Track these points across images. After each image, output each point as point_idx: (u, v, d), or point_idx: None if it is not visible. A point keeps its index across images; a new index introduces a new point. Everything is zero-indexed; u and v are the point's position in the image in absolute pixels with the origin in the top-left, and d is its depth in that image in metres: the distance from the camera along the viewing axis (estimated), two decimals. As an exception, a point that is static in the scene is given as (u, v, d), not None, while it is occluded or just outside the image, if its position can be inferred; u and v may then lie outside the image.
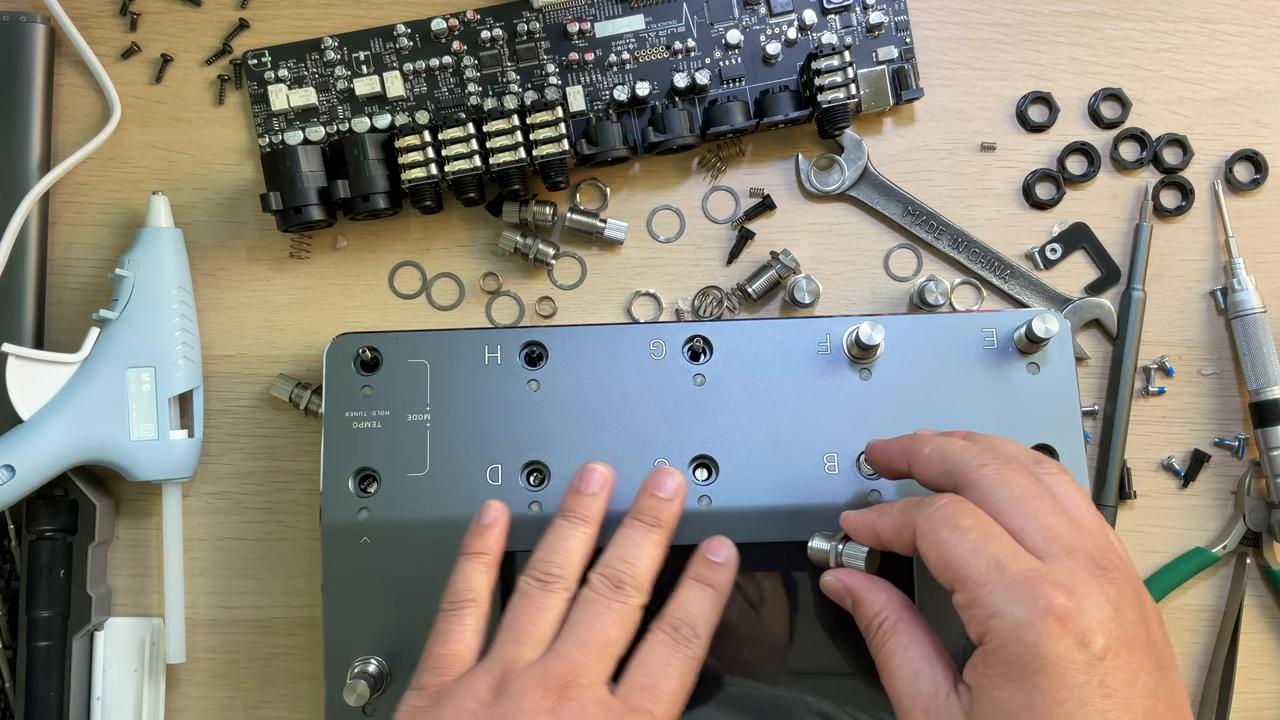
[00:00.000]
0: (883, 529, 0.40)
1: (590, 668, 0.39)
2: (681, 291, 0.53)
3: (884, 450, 0.43)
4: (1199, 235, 0.54)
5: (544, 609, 0.41)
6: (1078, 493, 0.38)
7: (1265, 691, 0.52)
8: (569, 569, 0.42)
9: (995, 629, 0.34)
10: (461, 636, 0.41)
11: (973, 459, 0.38)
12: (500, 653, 0.40)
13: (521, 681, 0.38)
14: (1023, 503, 0.37)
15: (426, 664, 0.40)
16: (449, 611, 0.42)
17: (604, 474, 0.44)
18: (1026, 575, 0.34)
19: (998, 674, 0.34)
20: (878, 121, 0.54)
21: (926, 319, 0.49)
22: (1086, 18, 0.55)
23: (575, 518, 0.43)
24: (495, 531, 0.44)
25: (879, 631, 0.39)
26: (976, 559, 0.35)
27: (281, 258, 0.53)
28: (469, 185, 0.51)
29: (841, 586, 0.41)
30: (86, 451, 0.48)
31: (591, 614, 0.40)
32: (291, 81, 0.53)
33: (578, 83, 0.53)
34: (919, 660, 0.37)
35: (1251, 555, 0.52)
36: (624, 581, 0.41)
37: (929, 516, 0.37)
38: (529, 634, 0.40)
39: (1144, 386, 0.53)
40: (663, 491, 0.43)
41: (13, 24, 0.51)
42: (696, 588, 0.42)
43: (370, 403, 0.47)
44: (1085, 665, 0.33)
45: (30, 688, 0.48)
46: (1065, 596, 0.34)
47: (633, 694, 0.39)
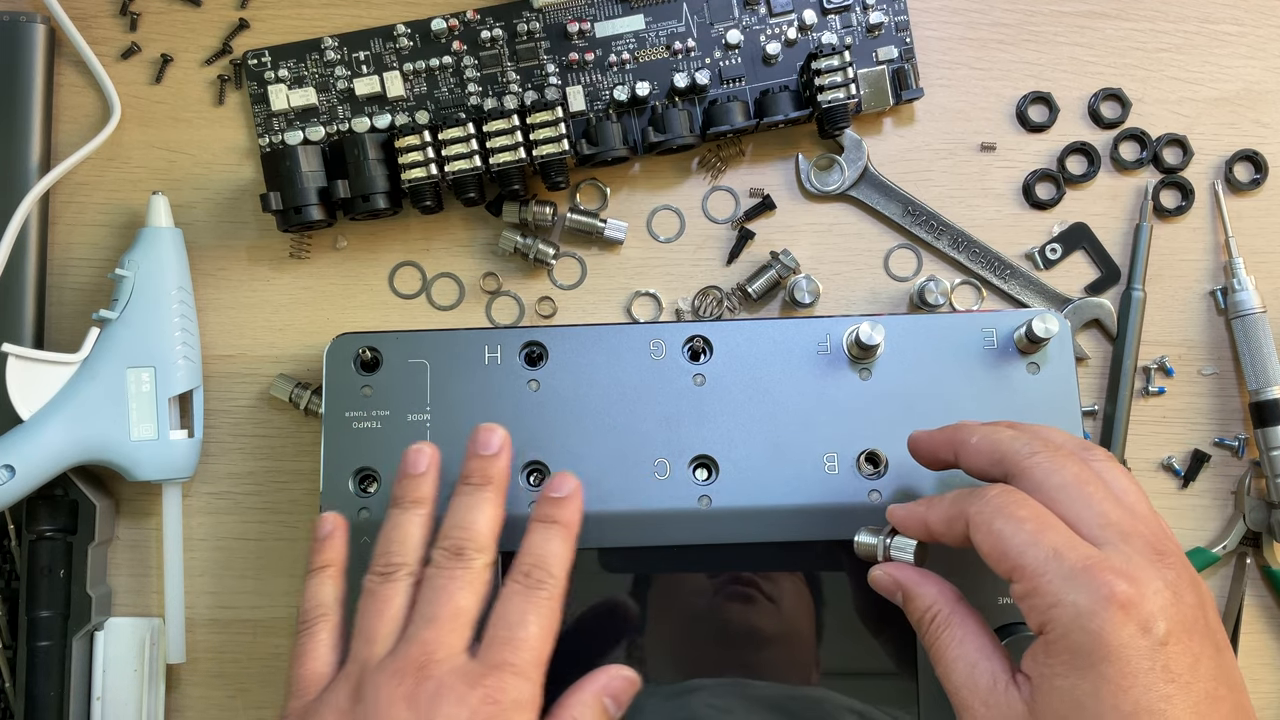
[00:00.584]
0: (933, 521, 0.39)
1: (443, 641, 0.38)
2: (681, 291, 0.53)
3: (928, 441, 0.42)
4: (1199, 235, 0.54)
5: (389, 601, 0.40)
6: (1128, 479, 0.38)
7: (1265, 691, 0.52)
8: (408, 553, 0.41)
9: (1057, 618, 0.34)
10: (316, 653, 0.41)
11: (1023, 447, 0.38)
12: (355, 656, 0.40)
13: (376, 678, 0.38)
14: (1076, 490, 0.36)
15: (289, 689, 0.40)
16: (302, 632, 0.41)
17: (429, 454, 0.44)
18: (1086, 563, 0.34)
19: (1061, 663, 0.34)
20: (878, 121, 0.54)
21: (926, 319, 0.49)
22: (1086, 18, 0.55)
23: (406, 502, 0.43)
24: (334, 542, 0.44)
25: (932, 625, 0.39)
26: (1034, 549, 0.35)
27: (281, 258, 0.53)
28: (469, 185, 0.51)
29: (891, 581, 0.41)
30: (86, 451, 0.48)
31: (436, 589, 0.40)
32: (291, 81, 0.53)
33: (578, 83, 0.53)
34: (975, 652, 0.37)
35: (1251, 555, 0.52)
36: (464, 547, 0.41)
37: (982, 508, 0.37)
38: (378, 630, 0.40)
39: (1144, 386, 0.53)
40: (486, 449, 0.43)
41: (13, 24, 0.51)
42: (543, 528, 0.42)
43: (370, 403, 0.47)
44: (1149, 651, 0.33)
45: (30, 688, 0.48)
46: (1126, 583, 0.34)
47: (491, 651, 0.39)
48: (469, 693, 0.37)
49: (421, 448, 0.44)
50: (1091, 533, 0.36)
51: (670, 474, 0.47)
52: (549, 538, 0.42)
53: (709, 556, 0.46)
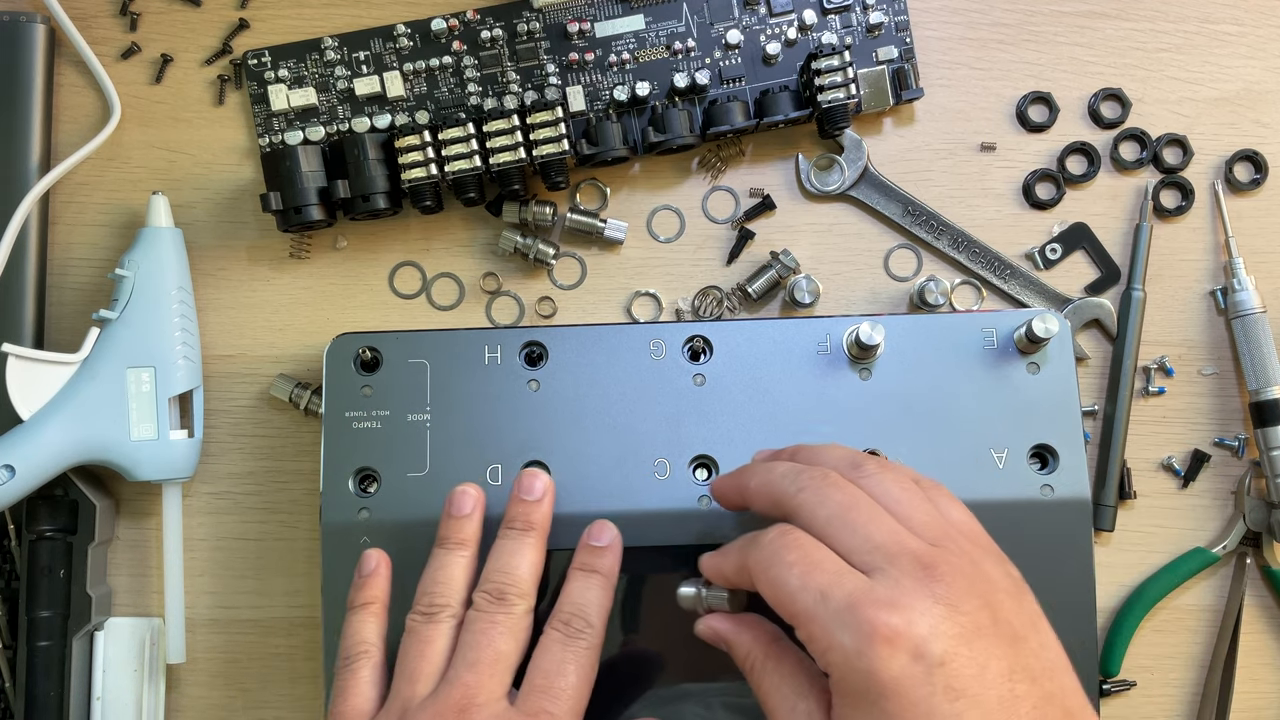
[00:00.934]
0: (727, 571, 0.39)
1: (484, 685, 0.39)
2: (681, 291, 0.53)
3: (720, 488, 0.42)
4: (1199, 235, 0.54)
5: (431, 642, 0.41)
6: (900, 487, 0.38)
7: (1265, 691, 0.52)
8: (451, 595, 0.42)
9: (833, 661, 0.34)
10: (358, 689, 0.41)
11: (789, 485, 0.38)
12: (397, 695, 0.40)
13: (418, 717, 0.38)
14: (842, 517, 0.36)
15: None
16: (343, 669, 0.42)
17: (474, 496, 0.44)
18: (849, 600, 0.34)
19: (848, 704, 0.34)
20: (878, 121, 0.54)
21: (926, 319, 0.49)
22: (1086, 18, 0.55)
23: (450, 543, 0.43)
24: (378, 580, 0.44)
25: (751, 672, 0.38)
26: (804, 593, 0.35)
27: (281, 258, 0.53)
28: (469, 185, 0.51)
29: (712, 633, 0.40)
30: (86, 451, 0.48)
31: (478, 633, 0.40)
32: (291, 81, 0.53)
33: (578, 83, 0.53)
34: (792, 695, 0.37)
35: (1251, 555, 0.52)
36: (506, 593, 0.41)
37: (759, 556, 0.37)
38: (421, 670, 0.40)
39: (1144, 386, 0.53)
40: (530, 495, 0.44)
41: (13, 24, 0.51)
42: (583, 577, 0.42)
43: (370, 403, 0.47)
44: (925, 677, 0.33)
45: (30, 688, 0.48)
46: (889, 613, 0.33)
47: (530, 699, 0.39)
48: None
49: (467, 490, 0.44)
50: (861, 560, 0.35)
51: (670, 474, 0.47)
52: (589, 587, 0.42)
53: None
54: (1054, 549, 0.45)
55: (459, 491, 0.44)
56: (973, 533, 0.38)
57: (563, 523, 0.45)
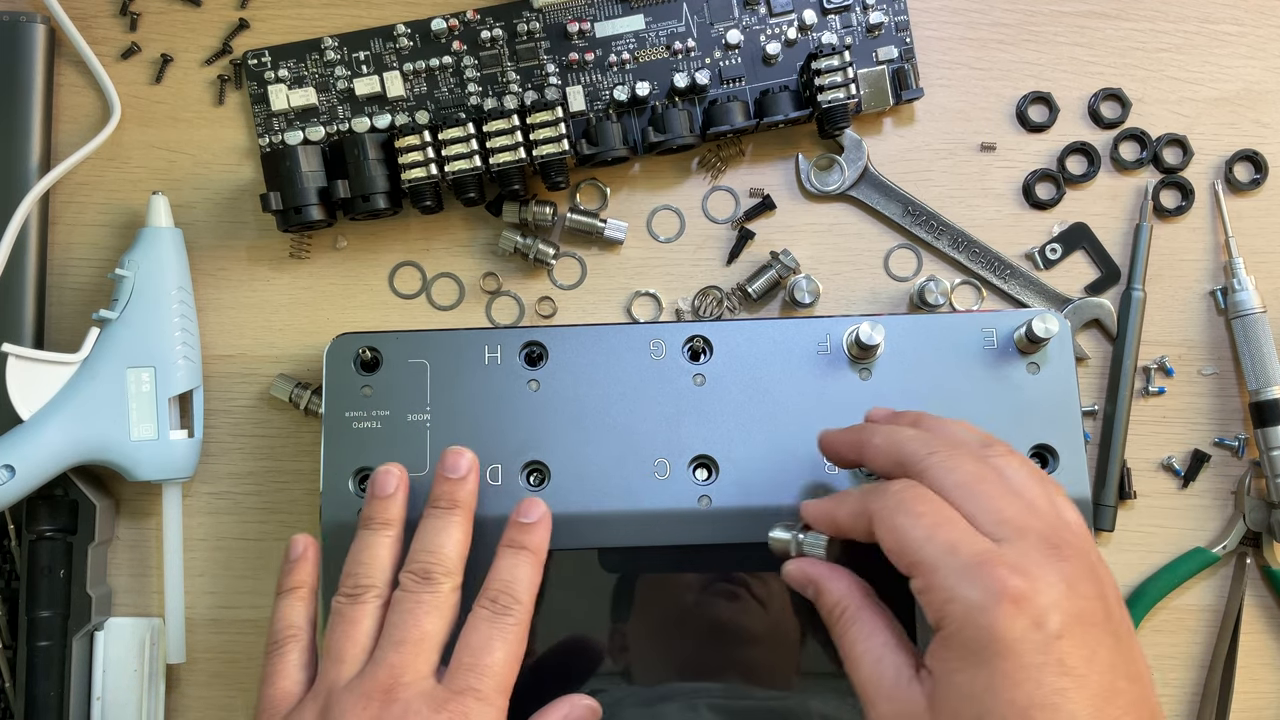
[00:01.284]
0: (841, 517, 0.39)
1: (410, 665, 0.39)
2: (681, 291, 0.53)
3: (833, 442, 0.43)
4: (1199, 235, 0.54)
5: (357, 623, 0.41)
6: (1028, 473, 0.38)
7: (1265, 691, 0.52)
8: (376, 576, 0.42)
9: (951, 613, 0.34)
10: (286, 672, 0.41)
11: (920, 447, 0.38)
12: (324, 677, 0.40)
13: (344, 699, 0.39)
14: (972, 487, 0.37)
15: (259, 708, 0.41)
16: (271, 653, 0.42)
17: (398, 476, 0.44)
18: (980, 558, 0.34)
19: (956, 657, 0.34)
20: (878, 121, 0.54)
21: (926, 319, 0.49)
22: (1086, 18, 0.55)
23: (375, 524, 0.43)
24: (306, 564, 0.44)
25: (840, 620, 0.39)
26: (930, 544, 0.35)
27: (281, 258, 0.53)
28: (469, 185, 0.51)
29: (803, 575, 0.41)
30: (86, 451, 0.48)
31: (404, 612, 0.40)
32: (291, 81, 0.53)
33: (578, 83, 0.53)
34: (881, 647, 0.37)
35: (1251, 555, 0.52)
36: (431, 571, 0.41)
37: (884, 503, 0.37)
38: (347, 651, 0.40)
39: (1144, 386, 0.53)
40: (454, 473, 0.44)
41: (13, 24, 0.51)
42: (510, 554, 0.42)
43: (370, 403, 0.47)
44: (1042, 645, 0.33)
45: (30, 688, 0.48)
46: (1019, 578, 0.34)
47: (457, 676, 0.39)
48: (434, 716, 0.38)
49: (390, 469, 0.44)
50: (989, 529, 0.36)
51: (670, 474, 0.47)
52: (517, 564, 0.42)
53: (709, 556, 0.46)
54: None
55: (381, 472, 0.44)
56: (1085, 533, 0.38)
57: (563, 523, 0.45)
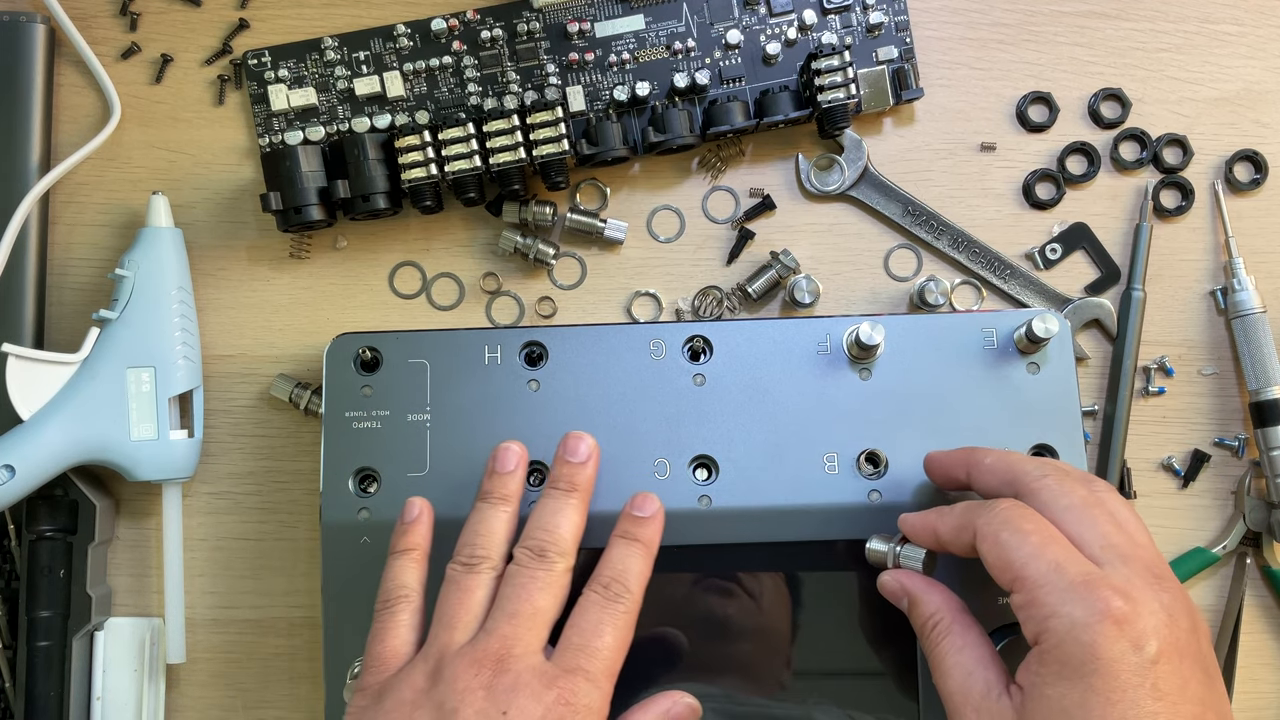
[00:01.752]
0: (942, 530, 0.40)
1: (522, 638, 0.39)
2: (681, 291, 0.53)
3: (943, 460, 0.44)
4: (1199, 235, 0.54)
5: (471, 591, 0.41)
6: (1129, 510, 0.39)
7: (1265, 691, 0.52)
8: (492, 548, 0.42)
9: (1053, 629, 0.35)
10: (397, 632, 0.42)
11: (1034, 469, 0.40)
12: (435, 640, 0.40)
13: (455, 663, 0.39)
14: (1081, 512, 0.38)
15: (367, 664, 0.41)
16: (382, 611, 0.42)
17: (517, 452, 0.45)
18: (1086, 578, 0.35)
19: (1052, 673, 0.35)
20: (878, 121, 0.54)
21: (926, 319, 0.49)
22: (1086, 18, 0.55)
23: (494, 498, 0.44)
24: (420, 527, 0.44)
25: (934, 631, 0.40)
26: (1037, 561, 0.36)
27: (281, 258, 0.53)
28: (469, 185, 0.51)
29: (899, 586, 0.42)
30: (86, 451, 0.48)
31: (518, 586, 0.41)
32: (291, 81, 0.53)
33: (578, 83, 0.53)
34: (972, 661, 0.38)
35: (1251, 555, 0.52)
36: (547, 550, 0.42)
37: (991, 519, 0.38)
38: (460, 618, 0.41)
39: (1144, 386, 0.53)
40: (575, 456, 0.44)
41: (13, 24, 0.51)
42: (624, 544, 0.43)
43: (370, 403, 0.47)
44: (1139, 668, 0.34)
45: (30, 688, 0.48)
46: (1123, 600, 0.35)
47: (567, 656, 0.40)
48: (544, 691, 0.38)
49: (510, 446, 0.45)
50: (1093, 553, 0.37)
51: (670, 474, 0.47)
52: (630, 554, 0.42)
53: (709, 556, 0.46)
54: (1054, 549, 0.45)
55: (503, 448, 0.45)
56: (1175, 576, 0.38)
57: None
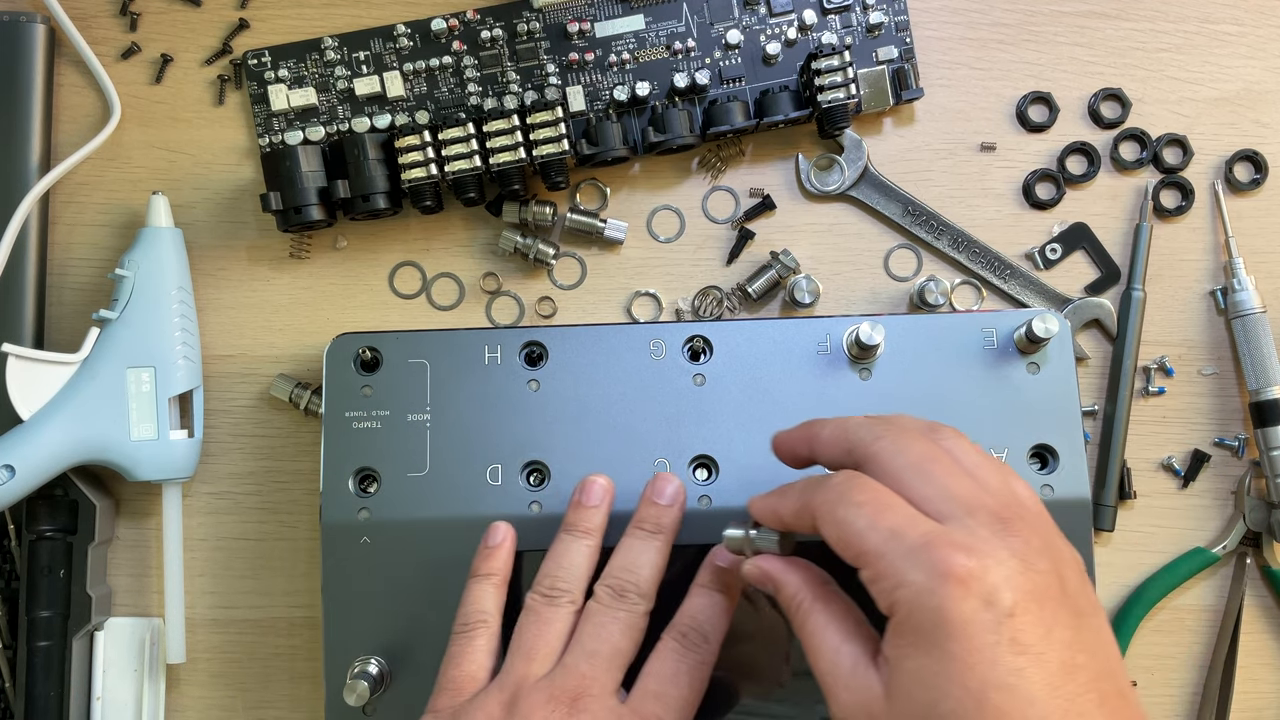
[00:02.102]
0: (784, 513, 0.39)
1: (599, 678, 0.39)
2: (681, 291, 0.53)
3: (786, 440, 0.42)
4: (1199, 235, 0.54)
5: (551, 624, 0.41)
6: (977, 453, 0.38)
7: (1265, 691, 0.52)
8: (574, 582, 0.42)
9: (901, 599, 0.34)
10: (473, 657, 0.41)
11: (867, 433, 0.38)
12: (511, 670, 0.40)
13: (532, 697, 0.39)
14: (919, 468, 0.36)
15: (441, 685, 0.41)
16: (460, 634, 0.42)
17: (604, 485, 0.44)
18: (925, 540, 0.34)
19: (908, 644, 0.34)
20: (878, 121, 0.54)
21: (926, 319, 0.49)
22: (1086, 18, 0.55)
23: (578, 531, 0.43)
24: (502, 552, 0.44)
25: (798, 612, 0.38)
26: (874, 532, 0.35)
27: (281, 258, 0.53)
28: (469, 185, 0.51)
29: (760, 573, 0.40)
30: (86, 451, 0.48)
31: (598, 625, 0.40)
32: (291, 81, 0.53)
33: (578, 83, 0.53)
34: (837, 636, 0.37)
35: (1251, 555, 0.52)
36: (628, 591, 0.41)
37: (825, 496, 0.37)
38: (538, 650, 0.40)
39: (1144, 386, 0.53)
40: (662, 499, 0.44)
41: (13, 24, 0.51)
42: (706, 593, 0.42)
43: (370, 403, 0.47)
44: (993, 624, 0.32)
45: (30, 688, 0.48)
46: (966, 556, 0.33)
47: (644, 701, 0.39)
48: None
49: (597, 479, 0.45)
50: (936, 509, 0.35)
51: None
52: (713, 604, 0.42)
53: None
54: (1054, 549, 0.45)
55: (590, 481, 0.45)
56: (1040, 510, 0.37)
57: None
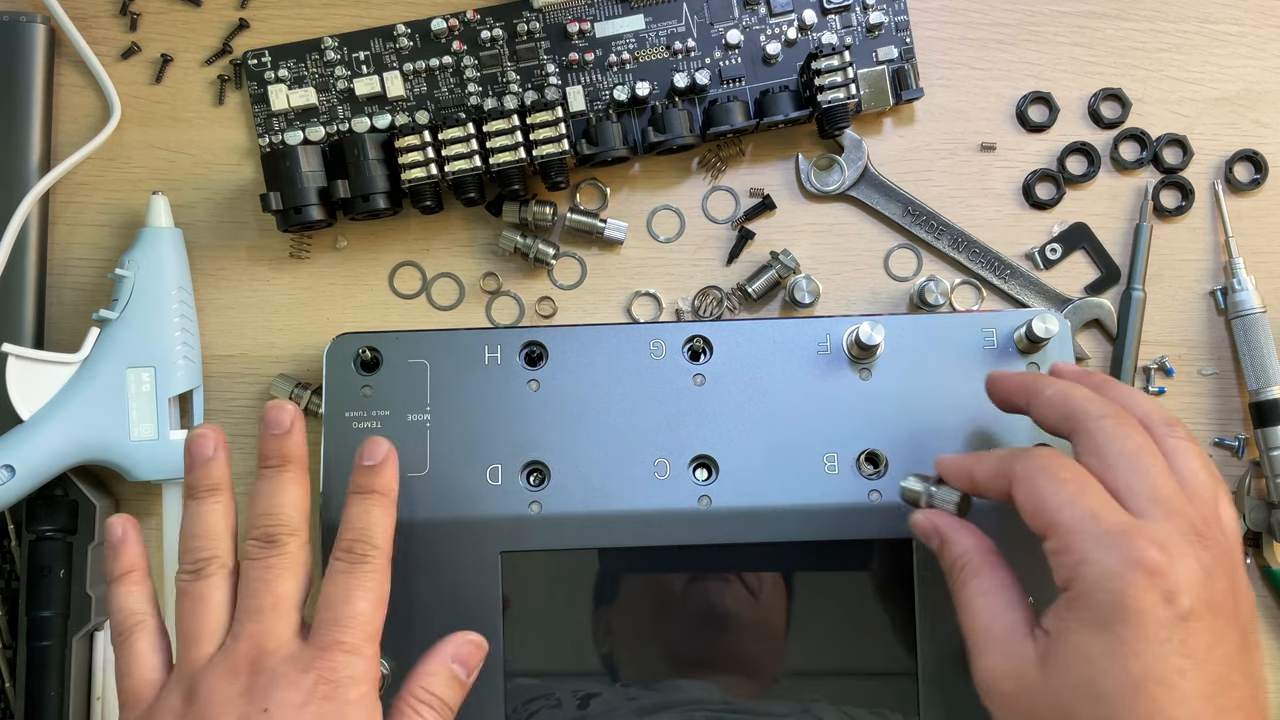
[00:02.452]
0: (979, 474, 0.40)
1: (271, 631, 0.39)
2: (681, 291, 0.53)
3: (1005, 382, 0.43)
4: (1199, 235, 0.54)
5: (206, 598, 0.40)
6: (1197, 460, 0.38)
7: (1265, 691, 0.52)
8: (215, 545, 0.41)
9: (1083, 575, 0.35)
10: (141, 660, 0.40)
11: (1094, 408, 0.38)
12: (183, 659, 0.39)
13: (209, 678, 0.38)
14: (1133, 459, 0.37)
15: (121, 703, 0.40)
16: (120, 645, 0.41)
17: (214, 437, 0.42)
18: (1121, 527, 0.35)
19: (1079, 619, 0.35)
20: (878, 121, 0.54)
21: (926, 319, 0.49)
22: (1086, 18, 0.55)
23: (201, 491, 0.42)
24: (129, 546, 0.43)
25: (962, 572, 0.39)
26: (1071, 508, 0.36)
27: (281, 258, 0.53)
28: (469, 185, 0.51)
29: (930, 526, 0.41)
30: (86, 451, 0.48)
31: (254, 580, 0.40)
32: (291, 81, 0.53)
33: (578, 83, 0.53)
34: (1000, 601, 0.38)
35: (1251, 555, 0.52)
36: (274, 534, 0.40)
37: (1028, 464, 0.37)
38: (201, 628, 0.39)
39: (1144, 386, 0.53)
40: (278, 428, 0.42)
41: (13, 24, 0.51)
42: (360, 500, 0.41)
43: (370, 403, 0.47)
44: (1168, 622, 0.33)
45: (30, 688, 0.48)
46: (1157, 552, 0.34)
47: (322, 632, 0.39)
48: (302, 676, 0.37)
49: (205, 432, 0.42)
50: (1138, 504, 0.36)
51: (670, 474, 0.47)
52: (368, 508, 0.41)
53: (709, 556, 0.46)
54: (1054, 549, 0.45)
55: (197, 435, 0.42)
56: (1236, 539, 0.38)
57: (563, 522, 0.45)
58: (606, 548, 0.46)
